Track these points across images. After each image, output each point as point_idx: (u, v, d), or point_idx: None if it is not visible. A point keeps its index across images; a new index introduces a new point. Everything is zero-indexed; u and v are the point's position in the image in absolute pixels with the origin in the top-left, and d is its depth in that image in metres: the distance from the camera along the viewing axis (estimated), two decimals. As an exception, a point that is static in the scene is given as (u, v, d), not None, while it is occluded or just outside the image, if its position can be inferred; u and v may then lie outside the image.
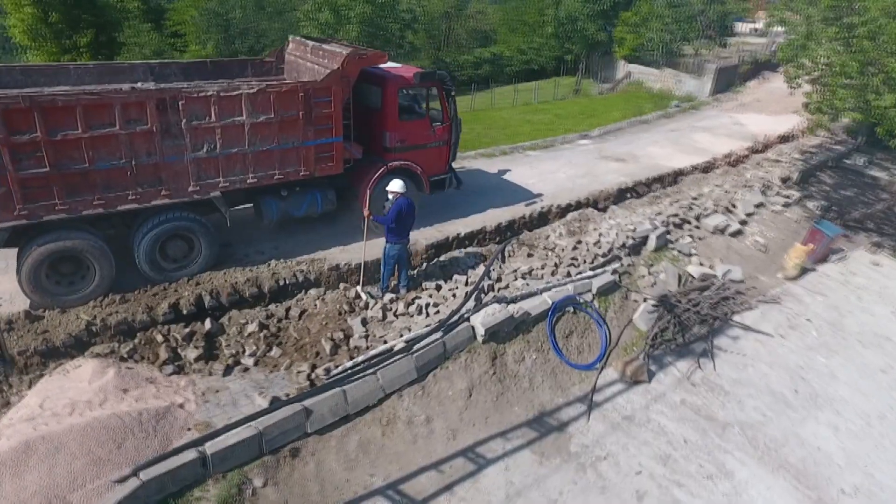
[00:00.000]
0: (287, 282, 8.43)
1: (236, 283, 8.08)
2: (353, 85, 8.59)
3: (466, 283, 8.88)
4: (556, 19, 39.67)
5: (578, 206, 12.85)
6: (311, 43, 9.39)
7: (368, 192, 9.38)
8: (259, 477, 5.75)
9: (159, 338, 6.71)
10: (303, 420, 6.11)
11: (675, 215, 12.59)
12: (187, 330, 6.91)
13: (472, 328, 7.95)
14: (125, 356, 6.41)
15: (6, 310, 7.20)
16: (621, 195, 13.93)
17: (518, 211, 12.09)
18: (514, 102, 31.08)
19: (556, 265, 9.85)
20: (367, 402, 6.67)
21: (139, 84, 8.59)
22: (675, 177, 15.49)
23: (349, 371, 6.75)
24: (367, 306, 7.98)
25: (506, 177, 14.32)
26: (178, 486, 5.31)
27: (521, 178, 14.26)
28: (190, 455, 5.34)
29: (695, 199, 13.56)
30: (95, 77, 8.29)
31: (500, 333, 8.21)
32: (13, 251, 7.18)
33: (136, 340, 6.66)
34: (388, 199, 8.04)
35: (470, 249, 10.04)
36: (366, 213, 7.87)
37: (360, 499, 6.05)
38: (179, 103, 7.09)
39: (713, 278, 11.42)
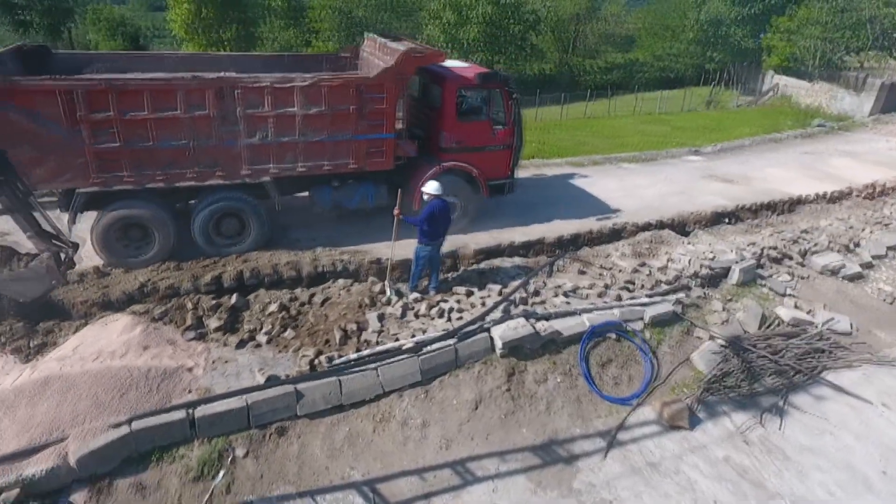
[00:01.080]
0: (325, 269, 8.89)
1: (278, 264, 8.69)
2: (407, 82, 8.81)
3: (500, 293, 8.68)
4: (698, 23, 37.03)
5: (661, 226, 11.95)
6: (381, 40, 9.78)
7: (408, 191, 9.53)
8: (242, 447, 6.16)
9: (189, 305, 7.47)
10: (293, 402, 6.42)
11: (774, 248, 11.20)
12: (215, 301, 7.59)
13: (491, 339, 7.77)
14: (157, 317, 7.23)
15: (86, 265, 8.45)
16: (716, 219, 12.70)
17: (586, 225, 11.54)
18: (634, 111, 29.56)
19: (606, 286, 9.26)
20: (362, 395, 6.83)
21: (223, 73, 9.54)
22: (791, 205, 13.75)
23: (351, 363, 6.96)
24: (389, 302, 8.14)
25: (587, 188, 13.72)
26: (166, 441, 5.87)
27: (604, 190, 13.59)
28: (179, 415, 5.87)
29: (804, 232, 11.94)
30: (187, 65, 9.38)
31: (522, 349, 7.93)
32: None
33: (170, 304, 7.48)
34: (423, 200, 8.12)
35: (517, 259, 9.79)
36: (395, 211, 8.03)
37: (333, 488, 6.21)
38: (236, 92, 7.81)
39: (808, 325, 9.98)
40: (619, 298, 9.13)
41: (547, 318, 8.29)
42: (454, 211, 10.37)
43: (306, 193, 9.75)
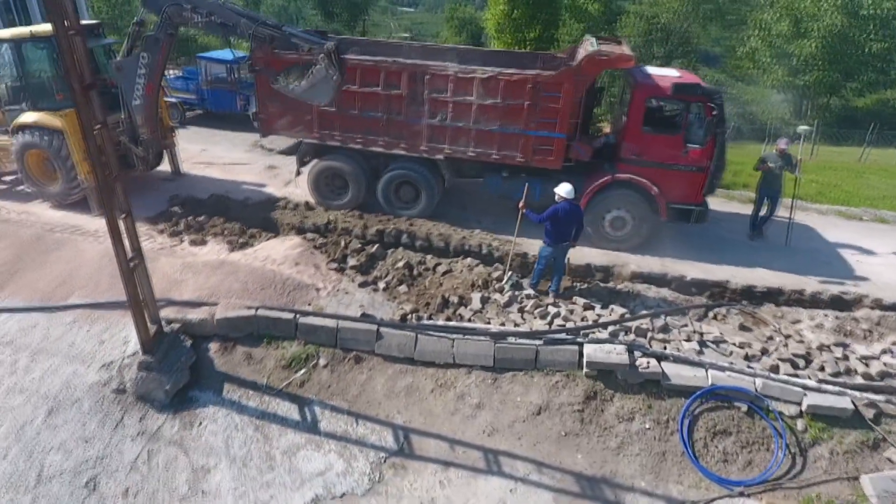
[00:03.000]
0: (471, 248, 10.01)
1: (431, 233, 10.21)
2: (588, 84, 9.18)
3: (621, 317, 8.44)
4: None
5: (920, 313, 9.36)
6: (591, 40, 10.22)
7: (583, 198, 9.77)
8: (325, 358, 7.89)
9: (342, 243, 9.57)
10: (373, 339, 7.84)
11: None
12: (360, 246, 9.54)
13: (580, 355, 7.78)
14: (317, 245, 9.55)
15: (301, 199, 11.46)
16: None
17: (800, 283, 9.86)
18: None
19: (763, 351, 8.05)
20: (432, 358, 7.82)
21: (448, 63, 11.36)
22: None
23: (437, 328, 8.01)
24: (500, 290, 8.81)
25: (839, 244, 11.45)
26: (276, 332, 7.98)
27: (863, 252, 11.13)
28: (289, 316, 7.89)
29: None
30: (418, 54, 11.51)
31: (613, 377, 7.72)
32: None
33: (328, 239, 9.71)
34: (555, 200, 8.46)
35: (664, 291, 9.17)
36: (520, 205, 8.59)
37: (377, 420, 7.45)
38: (425, 77, 9.48)
39: None
40: (775, 370, 7.85)
41: (658, 357, 7.80)
42: (623, 227, 10.21)
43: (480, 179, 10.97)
